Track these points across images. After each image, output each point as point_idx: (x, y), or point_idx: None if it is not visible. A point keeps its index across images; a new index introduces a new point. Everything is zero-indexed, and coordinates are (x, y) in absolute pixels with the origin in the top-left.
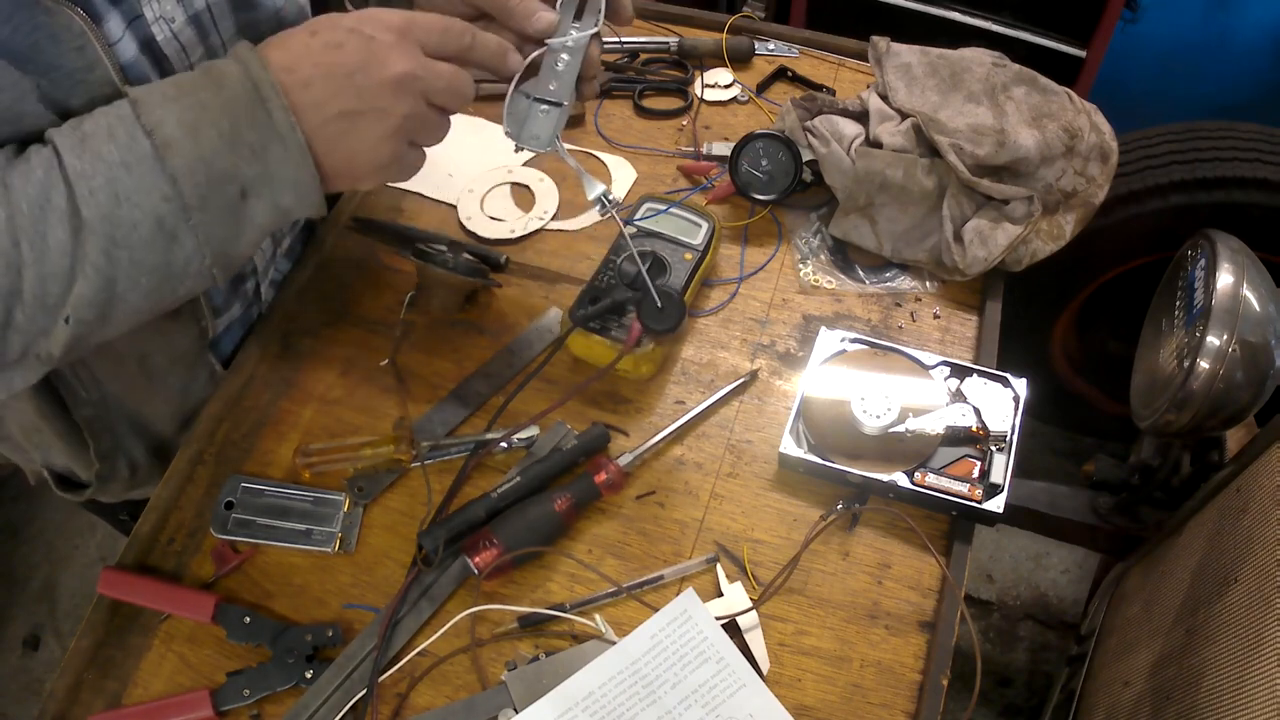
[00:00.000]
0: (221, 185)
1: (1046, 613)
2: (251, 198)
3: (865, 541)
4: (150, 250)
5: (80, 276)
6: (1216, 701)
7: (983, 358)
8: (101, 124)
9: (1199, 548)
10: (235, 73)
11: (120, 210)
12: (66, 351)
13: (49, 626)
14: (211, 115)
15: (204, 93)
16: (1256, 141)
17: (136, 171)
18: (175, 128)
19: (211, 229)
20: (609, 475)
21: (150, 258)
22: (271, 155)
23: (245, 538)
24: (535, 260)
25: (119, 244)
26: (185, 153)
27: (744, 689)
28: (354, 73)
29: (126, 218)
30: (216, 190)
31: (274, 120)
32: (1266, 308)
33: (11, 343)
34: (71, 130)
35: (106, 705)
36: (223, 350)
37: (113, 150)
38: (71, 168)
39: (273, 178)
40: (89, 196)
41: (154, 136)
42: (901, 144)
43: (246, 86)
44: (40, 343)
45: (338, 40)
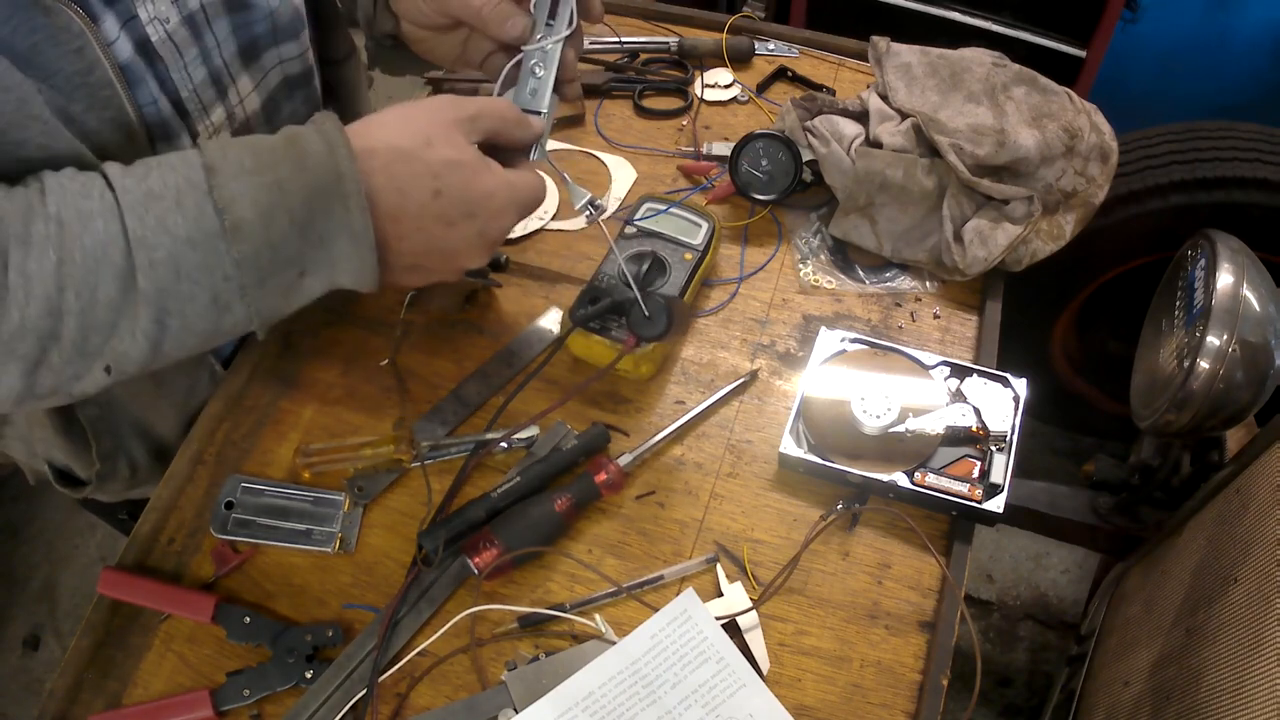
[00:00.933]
0: (284, 268)
1: (1046, 613)
2: (309, 277)
3: (865, 541)
4: (202, 320)
5: (128, 336)
6: (1216, 701)
7: (983, 358)
8: (170, 184)
9: (1199, 548)
10: (319, 153)
11: (179, 285)
12: (100, 391)
13: (49, 626)
14: (287, 201)
15: (284, 169)
16: (1256, 141)
17: (202, 250)
18: (249, 209)
19: (265, 302)
20: (609, 475)
21: (200, 325)
22: (338, 246)
23: (245, 538)
24: (535, 260)
25: (172, 314)
26: (254, 239)
27: (744, 689)
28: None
29: (185, 293)
30: (278, 273)
31: (351, 218)
32: (1266, 308)
33: (43, 380)
34: (136, 184)
35: (106, 705)
36: (222, 351)
37: (180, 223)
38: (133, 231)
39: (335, 263)
40: (149, 268)
41: (224, 216)
42: (901, 144)
43: (330, 174)
44: (73, 384)
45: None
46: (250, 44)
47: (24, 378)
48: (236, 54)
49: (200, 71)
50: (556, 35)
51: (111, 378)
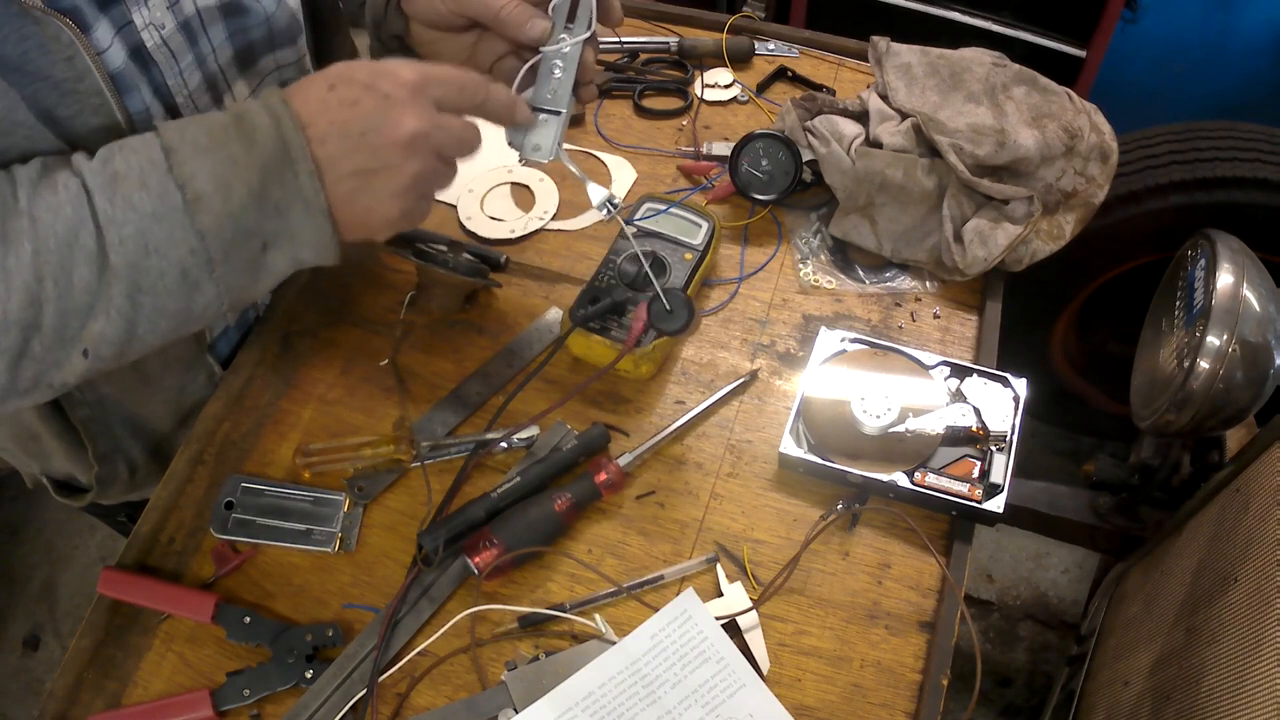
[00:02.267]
0: (246, 240)
1: (1046, 613)
2: (272, 250)
3: (865, 541)
4: (173, 298)
5: (102, 316)
6: (1216, 701)
7: (983, 358)
8: (134, 166)
9: (1199, 548)
10: (266, 126)
11: (148, 260)
12: (80, 380)
13: (49, 626)
14: (242, 172)
15: (235, 146)
16: (1257, 141)
17: (167, 224)
18: (207, 182)
19: (232, 279)
20: (609, 475)
21: (172, 304)
22: (294, 214)
23: (245, 538)
24: (535, 260)
25: (144, 290)
26: (215, 209)
27: (744, 689)
28: (367, 131)
29: (154, 267)
30: (241, 245)
31: (300, 183)
32: (1266, 308)
33: (25, 371)
34: (102, 167)
35: (106, 705)
36: (220, 352)
37: (145, 200)
38: (103, 211)
39: (294, 235)
40: (119, 244)
41: (186, 190)
42: (901, 144)
43: (277, 145)
44: (53, 373)
45: (353, 97)
46: (246, 49)
47: (8, 371)
48: (232, 59)
49: (195, 77)
50: (577, 37)
51: (89, 363)
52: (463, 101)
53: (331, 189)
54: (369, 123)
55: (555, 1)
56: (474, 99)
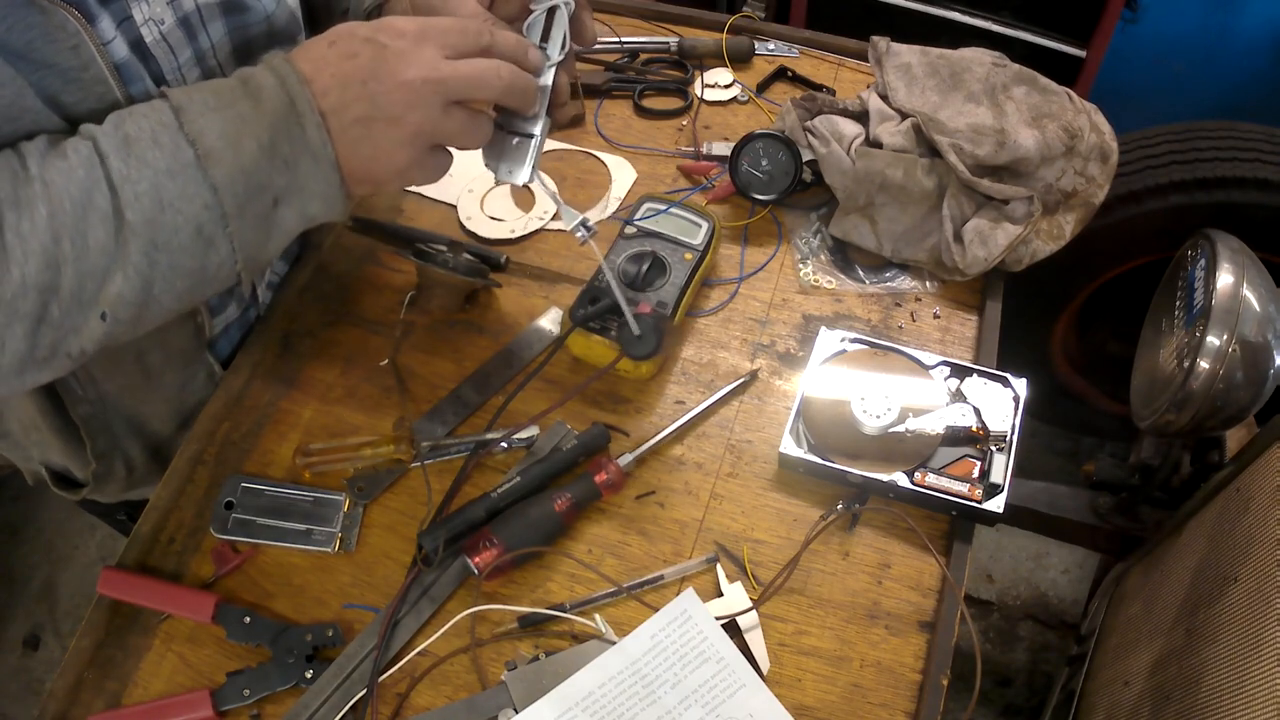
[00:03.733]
0: (258, 195)
1: (1046, 613)
2: (282, 206)
3: (865, 541)
4: (188, 255)
5: (120, 276)
6: (1216, 701)
7: (983, 358)
8: (145, 128)
9: (1199, 548)
10: (271, 85)
11: (164, 216)
12: (97, 348)
13: (49, 626)
14: (251, 128)
15: (243, 104)
16: (1256, 141)
17: (180, 179)
18: (218, 139)
19: (245, 235)
20: (609, 475)
21: (188, 262)
22: (302, 167)
23: (245, 538)
24: (535, 260)
25: (159, 247)
26: (226, 163)
27: (744, 689)
28: (367, 80)
29: (169, 223)
30: (253, 200)
31: (307, 136)
32: (1266, 308)
33: (44, 337)
34: (114, 130)
35: (106, 705)
36: (220, 351)
37: (158, 156)
38: (117, 171)
39: (303, 188)
40: (134, 201)
41: (197, 146)
42: (901, 144)
43: (283, 100)
44: (71, 340)
45: (353, 50)
46: (245, 46)
47: (27, 338)
48: (231, 56)
49: (194, 73)
50: (550, 60)
51: (107, 326)
52: (466, 45)
53: (337, 139)
54: (369, 71)
55: (528, 21)
56: (479, 42)
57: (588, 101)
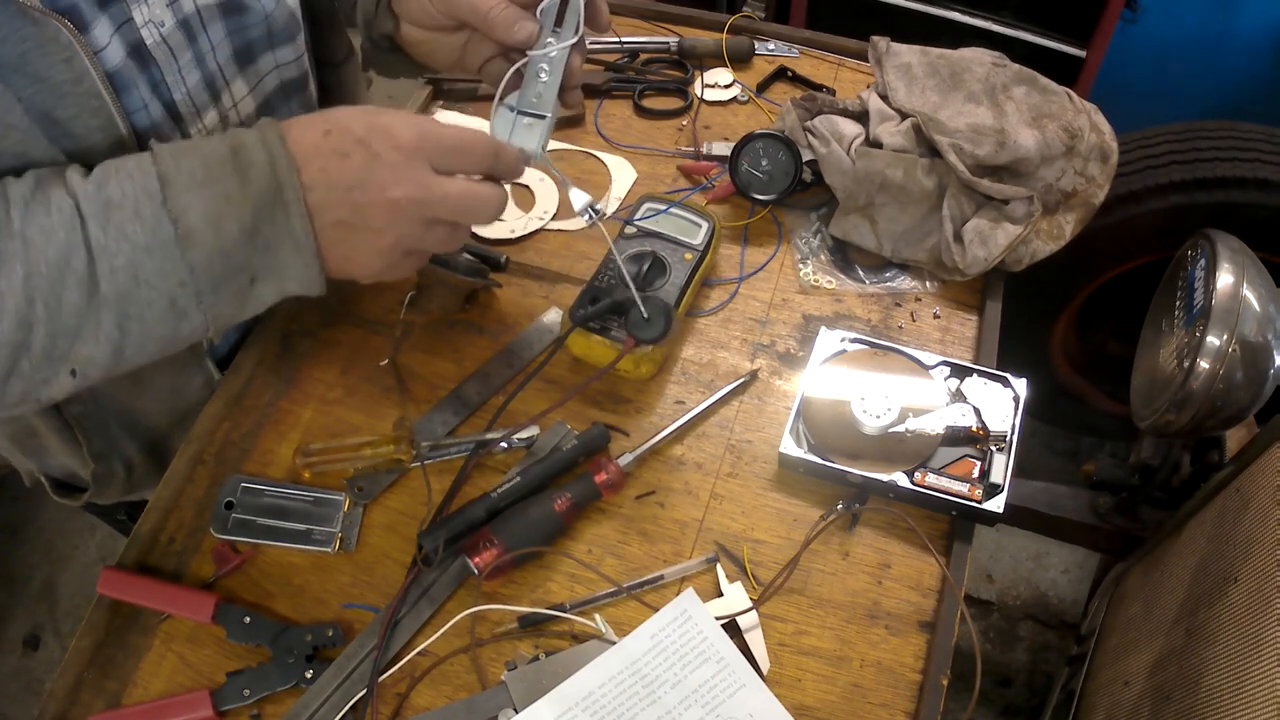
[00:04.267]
0: (235, 275)
1: (1046, 613)
2: (259, 284)
3: (865, 541)
4: (160, 324)
5: (91, 340)
6: (1216, 701)
7: (983, 358)
8: (129, 194)
9: (1199, 548)
10: (261, 163)
11: (138, 291)
12: (68, 396)
13: (49, 626)
14: (235, 209)
15: (230, 182)
16: (1256, 141)
17: (158, 257)
18: (199, 218)
19: (220, 309)
20: (609, 475)
21: (159, 330)
22: (283, 253)
23: (245, 538)
24: (535, 260)
25: (132, 318)
26: (206, 245)
27: (744, 689)
28: (353, 187)
29: (143, 297)
30: (230, 279)
31: (291, 224)
32: (1266, 308)
33: (13, 388)
34: (97, 191)
35: (106, 705)
36: (218, 351)
37: (138, 231)
38: (95, 239)
39: (281, 270)
40: (110, 274)
41: (179, 225)
42: (901, 144)
43: (271, 184)
44: (41, 390)
45: (345, 149)
46: (245, 48)
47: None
48: (231, 58)
49: (194, 75)
50: (564, 41)
51: (76, 381)
52: (466, 165)
53: (317, 234)
54: (355, 179)
55: (544, 5)
56: (481, 164)
57: (588, 101)
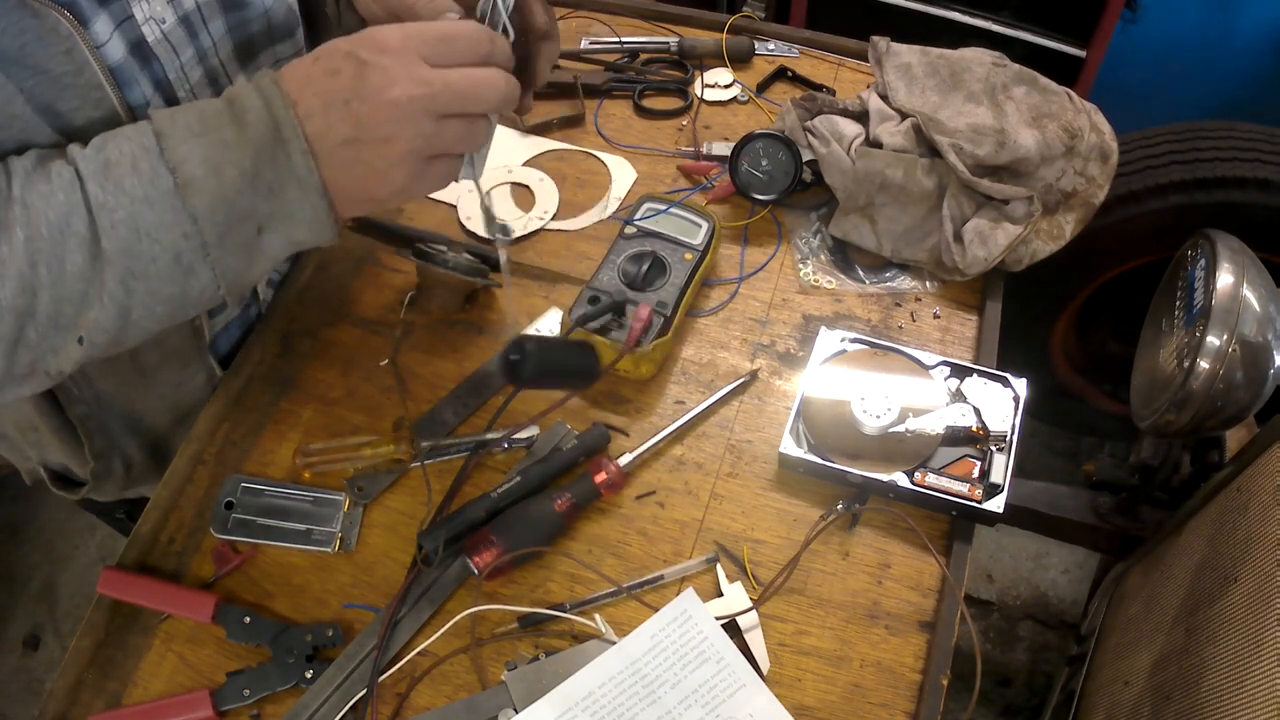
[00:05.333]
0: (241, 223)
1: (1046, 613)
2: (267, 233)
3: (865, 541)
4: (167, 282)
5: (96, 303)
6: (1216, 701)
7: (983, 358)
8: (126, 152)
9: (1199, 548)
10: (257, 108)
11: (140, 245)
12: (76, 367)
13: (49, 626)
14: (233, 155)
15: (227, 130)
16: (1256, 141)
17: (158, 207)
18: (198, 166)
19: (227, 262)
20: (609, 475)
21: (166, 288)
22: (288, 194)
23: (245, 538)
24: (535, 260)
25: (137, 275)
26: (207, 192)
27: (744, 689)
28: (350, 99)
29: (146, 252)
30: (235, 228)
31: (293, 162)
32: (1266, 308)
33: (21, 358)
34: (95, 154)
35: (106, 705)
36: (220, 349)
37: (136, 184)
38: (94, 196)
39: (289, 215)
40: (110, 229)
41: (177, 174)
42: (901, 144)
43: (269, 125)
44: (49, 359)
45: (335, 66)
46: (246, 43)
47: (4, 358)
48: (232, 53)
49: (196, 71)
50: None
51: (84, 350)
52: (460, 54)
53: (324, 163)
54: (351, 90)
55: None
56: (476, 50)
57: (588, 101)
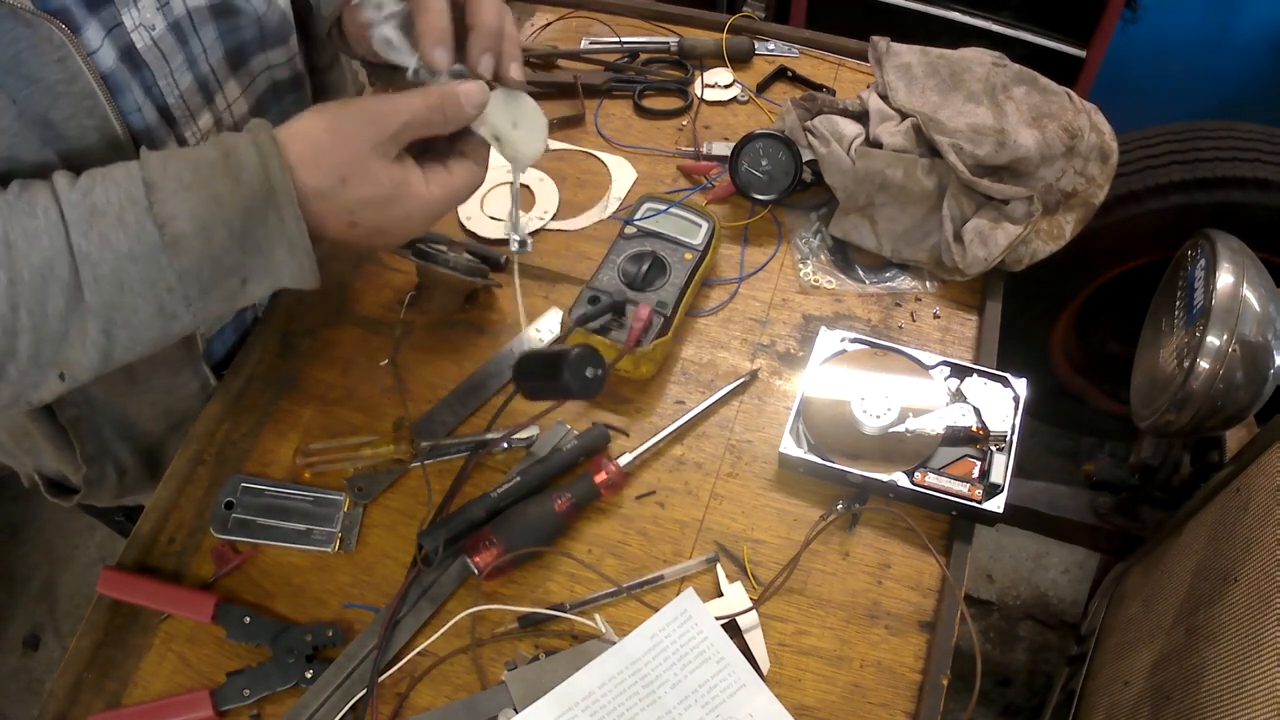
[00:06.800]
0: (225, 278)
1: (1046, 613)
2: (251, 284)
3: (865, 541)
4: (148, 329)
5: (78, 345)
6: (1216, 701)
7: (983, 358)
8: (113, 200)
9: (1199, 548)
10: (253, 165)
11: (124, 298)
12: (56, 398)
13: (49, 626)
14: (225, 214)
15: (220, 184)
16: (1256, 141)
17: (143, 264)
18: (188, 223)
19: (210, 309)
20: (609, 475)
21: (148, 334)
22: (276, 254)
23: (245, 538)
24: (535, 260)
25: (119, 325)
26: (194, 252)
27: (744, 689)
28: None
29: (129, 305)
30: (220, 283)
31: (286, 227)
32: (1266, 308)
33: (1, 393)
34: (82, 198)
35: (106, 705)
36: (215, 352)
37: (122, 239)
38: (78, 247)
39: (275, 270)
40: (94, 283)
41: (165, 231)
42: (901, 144)
43: (263, 186)
44: (30, 393)
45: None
46: (237, 50)
47: None
48: (224, 60)
49: (186, 78)
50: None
51: (66, 384)
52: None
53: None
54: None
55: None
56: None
57: (588, 101)
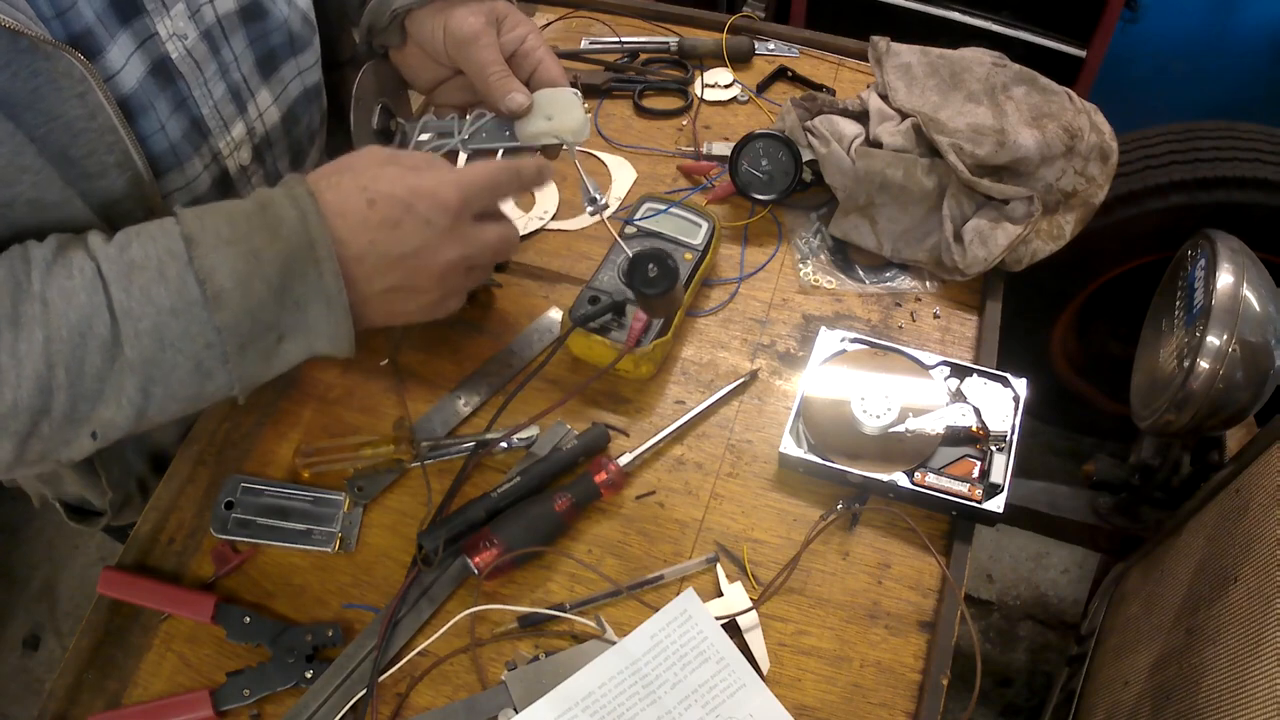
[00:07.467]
0: (263, 334)
1: (1046, 613)
2: (287, 342)
3: (865, 541)
4: (184, 386)
5: (114, 403)
6: (1216, 701)
7: (983, 358)
8: (152, 255)
9: (1199, 548)
10: (292, 219)
11: (164, 354)
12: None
13: (49, 626)
14: (263, 268)
15: (258, 238)
16: (1256, 141)
17: (184, 319)
18: (228, 278)
19: (246, 369)
20: (609, 475)
21: (183, 391)
22: (313, 310)
23: (245, 538)
24: (535, 260)
25: (156, 381)
26: (234, 306)
27: (744, 689)
28: (406, 256)
29: (168, 361)
30: (258, 338)
31: (324, 282)
32: (1266, 308)
33: (32, 449)
34: (119, 253)
35: (106, 705)
36: None
37: (163, 294)
38: (119, 302)
39: (311, 329)
40: (134, 338)
41: (205, 286)
42: (901, 144)
43: (302, 240)
44: (60, 450)
45: (395, 217)
46: (268, 55)
47: (16, 450)
48: (255, 67)
49: (219, 87)
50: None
51: (97, 443)
52: (500, 197)
53: (363, 299)
54: (409, 246)
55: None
56: (509, 192)
57: (588, 101)
